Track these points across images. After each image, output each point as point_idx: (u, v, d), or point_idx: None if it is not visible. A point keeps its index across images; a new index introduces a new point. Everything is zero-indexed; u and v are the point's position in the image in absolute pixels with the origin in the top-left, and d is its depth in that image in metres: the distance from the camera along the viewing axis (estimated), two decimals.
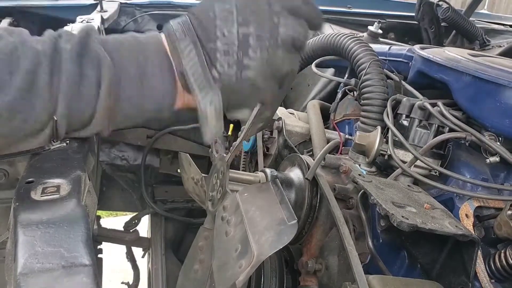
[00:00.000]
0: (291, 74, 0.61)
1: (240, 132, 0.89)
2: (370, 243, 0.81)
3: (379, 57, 1.11)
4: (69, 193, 0.53)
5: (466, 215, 0.82)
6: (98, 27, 1.31)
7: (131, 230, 1.73)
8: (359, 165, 1.01)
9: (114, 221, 2.65)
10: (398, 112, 1.01)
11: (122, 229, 1.74)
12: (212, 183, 0.92)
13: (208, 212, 0.90)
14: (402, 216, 0.69)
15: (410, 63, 1.14)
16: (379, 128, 0.98)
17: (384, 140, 0.98)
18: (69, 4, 1.73)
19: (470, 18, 1.90)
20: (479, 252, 0.75)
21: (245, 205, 0.74)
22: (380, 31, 1.61)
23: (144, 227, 1.85)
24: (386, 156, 0.98)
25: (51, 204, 0.51)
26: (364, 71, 1.07)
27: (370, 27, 1.61)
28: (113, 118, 0.59)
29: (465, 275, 0.73)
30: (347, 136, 1.18)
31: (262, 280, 0.86)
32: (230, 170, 0.87)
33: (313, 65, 1.24)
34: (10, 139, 0.55)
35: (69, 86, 0.54)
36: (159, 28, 1.79)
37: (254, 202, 0.76)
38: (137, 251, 1.81)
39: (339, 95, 1.28)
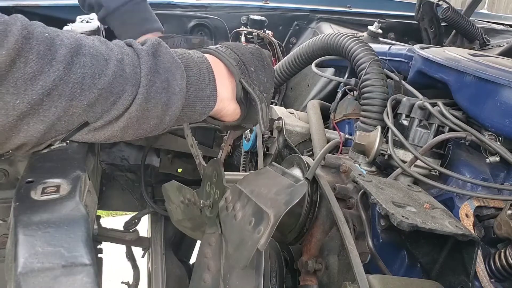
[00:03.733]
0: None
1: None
2: (370, 242, 0.81)
3: (379, 57, 1.11)
4: (69, 193, 0.53)
5: (466, 215, 0.82)
6: (98, 26, 1.31)
7: (131, 230, 1.73)
8: (359, 164, 1.01)
9: (114, 220, 2.65)
10: (398, 111, 1.01)
11: (122, 229, 1.73)
12: (206, 192, 0.91)
13: (208, 219, 0.89)
14: (402, 216, 0.69)
15: (410, 63, 1.14)
16: (379, 127, 0.98)
17: (384, 139, 0.98)
18: (69, 4, 1.72)
19: (470, 18, 1.90)
20: (479, 252, 0.75)
21: (248, 188, 0.74)
22: (380, 31, 1.61)
23: (144, 227, 1.84)
24: (386, 156, 0.98)
25: (51, 204, 0.51)
26: (364, 71, 1.07)
27: (370, 27, 1.61)
28: None
29: (465, 275, 0.73)
30: (347, 135, 1.18)
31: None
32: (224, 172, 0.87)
33: (313, 65, 1.24)
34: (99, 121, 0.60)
35: (148, 75, 0.62)
36: None
37: (256, 183, 0.75)
38: (137, 251, 1.80)
39: (339, 95, 1.28)
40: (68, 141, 0.62)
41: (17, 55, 0.49)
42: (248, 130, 1.27)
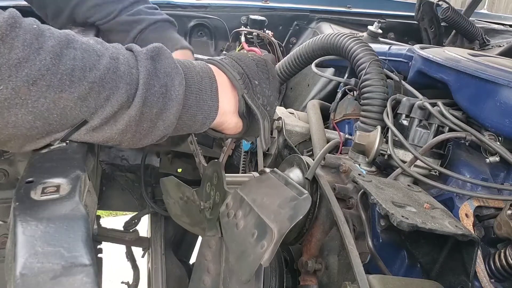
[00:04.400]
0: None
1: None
2: (370, 242, 0.81)
3: (379, 57, 1.11)
4: (69, 193, 0.53)
5: (466, 215, 0.82)
6: None
7: (131, 230, 1.73)
8: (359, 164, 1.01)
9: (114, 220, 2.65)
10: (398, 111, 1.01)
11: (122, 229, 1.73)
12: (206, 192, 0.91)
13: (207, 221, 0.89)
14: (402, 216, 0.69)
15: (410, 63, 1.14)
16: (379, 127, 0.98)
17: (384, 139, 0.98)
18: None
19: (470, 18, 1.90)
20: (479, 252, 0.75)
21: (250, 196, 0.73)
22: (380, 31, 1.61)
23: (144, 227, 1.84)
24: (386, 156, 0.98)
25: (51, 204, 0.51)
26: (364, 71, 1.07)
27: (370, 27, 1.61)
28: None
29: (465, 275, 0.73)
30: (347, 135, 1.18)
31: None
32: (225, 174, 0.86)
33: (313, 65, 1.24)
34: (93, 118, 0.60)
35: (147, 78, 0.61)
36: None
37: (259, 191, 0.75)
38: (137, 251, 1.80)
39: (339, 95, 1.28)
40: (67, 141, 0.62)
41: (0, 40, 0.50)
42: None
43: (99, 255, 1.56)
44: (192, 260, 1.87)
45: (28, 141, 0.58)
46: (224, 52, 1.76)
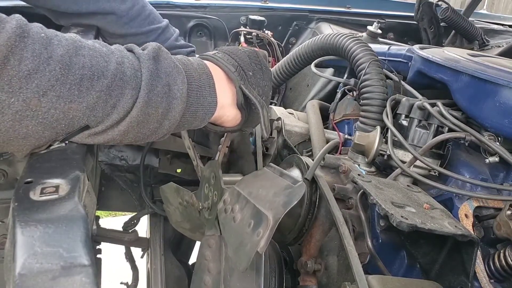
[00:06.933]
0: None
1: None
2: (369, 243, 0.81)
3: (379, 57, 1.11)
4: (68, 193, 0.53)
5: (466, 215, 0.82)
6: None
7: (130, 230, 1.73)
8: (359, 165, 1.01)
9: (113, 221, 2.65)
10: (397, 112, 1.01)
11: (121, 229, 1.73)
12: (204, 193, 0.91)
13: (207, 221, 0.89)
14: (402, 216, 0.69)
15: (410, 63, 1.14)
16: (378, 128, 0.98)
17: (384, 140, 0.98)
18: None
19: (469, 18, 1.90)
20: (479, 252, 0.75)
21: (246, 190, 0.74)
22: (379, 31, 1.61)
23: (143, 227, 1.84)
24: (385, 156, 0.98)
25: (50, 204, 0.51)
26: (364, 71, 1.07)
27: (369, 27, 1.61)
28: None
29: (465, 275, 0.73)
30: (346, 136, 1.18)
31: None
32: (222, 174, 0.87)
33: (312, 65, 1.24)
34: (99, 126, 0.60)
35: (150, 79, 0.61)
36: None
37: (255, 185, 0.75)
38: (136, 251, 1.80)
39: (338, 95, 1.28)
40: (66, 142, 0.62)
41: (10, 52, 0.49)
42: None
43: (98, 256, 1.56)
44: (191, 260, 1.87)
45: (33, 148, 0.58)
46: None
